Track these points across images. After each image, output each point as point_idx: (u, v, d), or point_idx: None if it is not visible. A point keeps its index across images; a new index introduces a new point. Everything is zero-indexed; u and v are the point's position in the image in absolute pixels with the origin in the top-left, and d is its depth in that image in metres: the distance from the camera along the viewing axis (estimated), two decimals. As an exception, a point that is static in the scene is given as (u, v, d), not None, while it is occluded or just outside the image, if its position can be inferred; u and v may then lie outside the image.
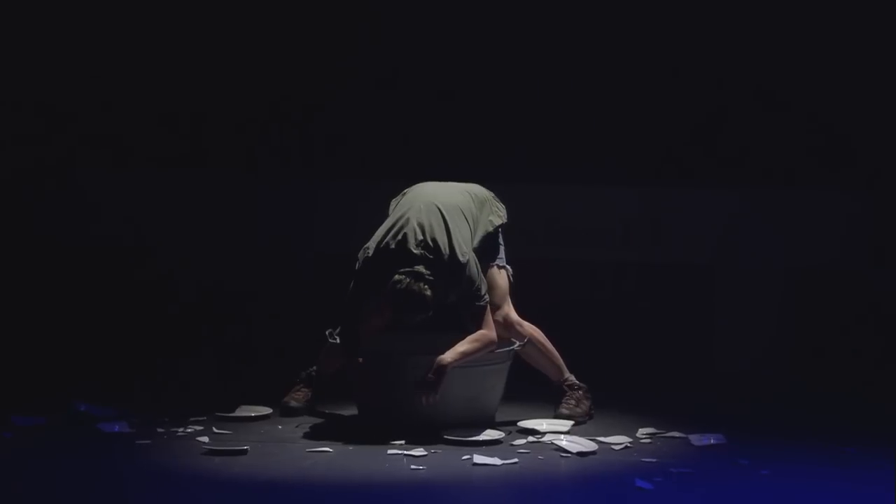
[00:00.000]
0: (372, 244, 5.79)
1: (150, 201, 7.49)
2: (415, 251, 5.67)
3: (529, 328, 6.01)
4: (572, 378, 6.06)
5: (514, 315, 5.99)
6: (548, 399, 6.06)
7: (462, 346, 5.70)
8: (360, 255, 5.80)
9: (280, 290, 7.39)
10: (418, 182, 6.04)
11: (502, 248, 6.03)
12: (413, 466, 5.30)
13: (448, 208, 5.83)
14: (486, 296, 5.81)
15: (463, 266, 5.74)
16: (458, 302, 5.77)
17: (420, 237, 5.71)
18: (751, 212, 7.28)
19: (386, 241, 5.74)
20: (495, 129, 7.33)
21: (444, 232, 5.74)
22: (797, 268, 7.26)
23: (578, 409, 6.00)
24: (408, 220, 5.76)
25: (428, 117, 7.34)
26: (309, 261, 7.44)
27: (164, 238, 7.43)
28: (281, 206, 7.45)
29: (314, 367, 6.14)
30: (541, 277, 6.90)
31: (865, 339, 7.05)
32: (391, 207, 5.99)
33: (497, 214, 6.01)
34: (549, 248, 7.31)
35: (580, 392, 6.03)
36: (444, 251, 5.71)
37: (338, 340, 5.95)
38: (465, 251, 5.77)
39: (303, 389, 6.12)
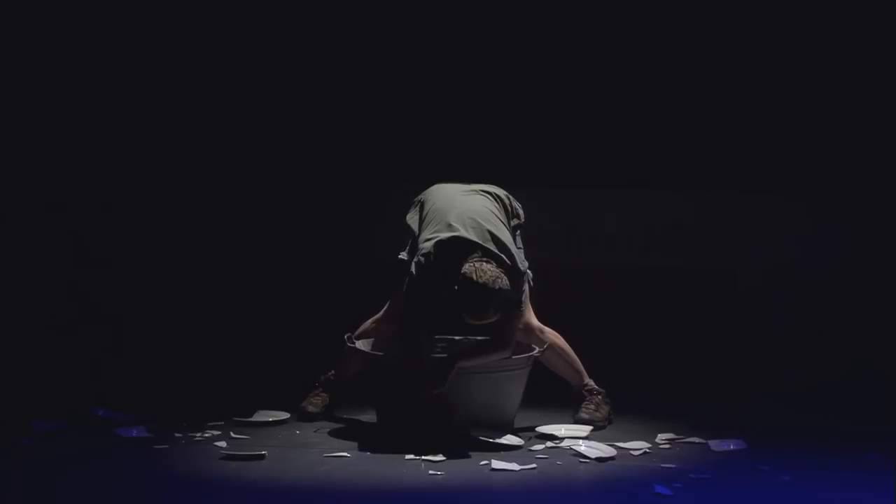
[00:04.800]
0: (425, 255, 5.66)
1: (166, 211, 7.50)
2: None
3: (550, 334, 5.98)
4: (592, 383, 6.03)
5: (535, 321, 5.95)
6: (567, 404, 6.04)
7: (482, 358, 5.69)
8: (415, 267, 5.68)
9: (297, 293, 7.38)
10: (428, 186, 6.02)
11: (521, 252, 5.99)
12: (431, 472, 5.28)
13: (484, 215, 5.76)
14: (522, 303, 5.78)
15: (522, 274, 5.72)
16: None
17: (477, 249, 5.62)
18: (772, 217, 7.24)
19: (440, 251, 5.64)
20: (515, 133, 7.32)
21: (493, 240, 5.68)
22: (819, 273, 7.21)
23: (598, 415, 5.97)
24: (454, 235, 5.65)
25: (445, 121, 7.33)
26: (325, 265, 7.43)
27: (181, 247, 7.44)
28: (296, 211, 7.44)
29: (332, 372, 6.12)
30: (560, 282, 6.88)
31: (888, 345, 6.99)
32: (413, 218, 5.92)
33: (516, 214, 5.97)
34: (569, 254, 7.28)
35: (599, 397, 6.00)
36: (506, 261, 5.66)
37: (356, 345, 5.94)
38: (522, 259, 5.75)
39: (321, 394, 6.10)
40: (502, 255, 5.65)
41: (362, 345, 5.98)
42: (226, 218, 7.47)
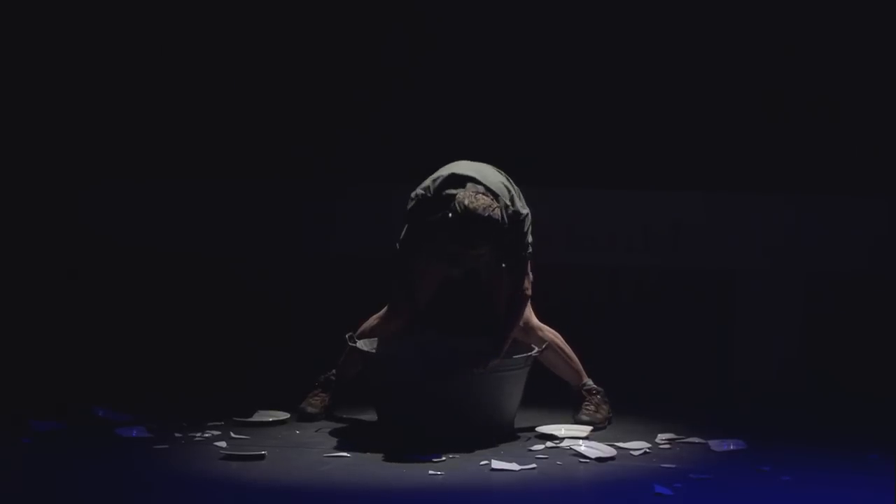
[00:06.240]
0: (424, 188, 5.70)
1: (168, 208, 7.50)
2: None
3: (550, 333, 5.98)
4: (591, 383, 6.03)
5: (535, 321, 5.95)
6: (567, 404, 6.04)
7: (508, 330, 5.71)
8: (412, 203, 5.72)
9: (297, 293, 7.38)
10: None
11: (530, 244, 5.96)
12: (431, 472, 5.28)
13: (490, 173, 5.76)
14: (531, 247, 5.77)
15: (523, 219, 5.71)
16: (499, 253, 5.68)
17: (479, 186, 5.61)
18: (772, 217, 7.24)
19: (440, 187, 5.66)
20: (515, 133, 7.32)
21: (503, 186, 5.70)
22: (819, 273, 7.20)
23: (598, 415, 5.97)
24: (459, 173, 5.67)
25: (446, 120, 7.32)
26: (326, 264, 7.42)
27: (183, 243, 7.44)
28: (296, 209, 7.44)
29: (332, 372, 6.12)
30: (560, 282, 6.88)
31: (888, 345, 6.99)
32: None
33: (523, 205, 5.94)
34: (569, 253, 7.27)
35: (598, 397, 6.00)
36: (506, 202, 5.65)
37: (357, 344, 5.94)
38: (524, 204, 5.74)
39: (320, 394, 6.10)
40: (501, 197, 5.64)
41: (364, 344, 5.98)
42: (226, 217, 7.46)
